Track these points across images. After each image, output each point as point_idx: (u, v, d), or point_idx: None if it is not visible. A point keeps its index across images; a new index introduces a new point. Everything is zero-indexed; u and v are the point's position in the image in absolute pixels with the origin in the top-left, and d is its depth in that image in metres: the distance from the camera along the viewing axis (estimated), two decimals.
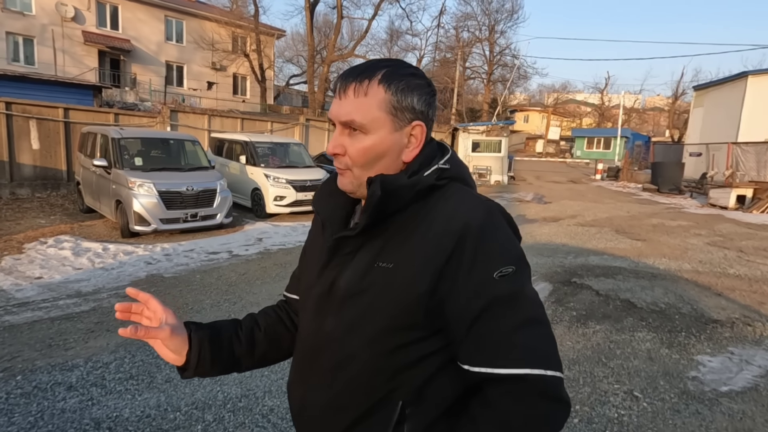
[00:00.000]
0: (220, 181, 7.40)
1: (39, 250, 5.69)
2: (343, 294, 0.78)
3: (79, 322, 3.77)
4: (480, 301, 0.70)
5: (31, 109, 9.07)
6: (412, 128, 0.79)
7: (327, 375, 0.80)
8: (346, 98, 0.77)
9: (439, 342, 0.75)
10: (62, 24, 19.70)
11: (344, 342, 0.78)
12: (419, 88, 0.79)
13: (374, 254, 0.76)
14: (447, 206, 0.75)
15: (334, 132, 0.82)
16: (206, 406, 2.68)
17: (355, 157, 0.78)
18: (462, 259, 0.71)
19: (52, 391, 2.75)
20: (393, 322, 0.74)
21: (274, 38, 26.86)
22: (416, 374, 0.75)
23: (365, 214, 0.75)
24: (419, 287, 0.72)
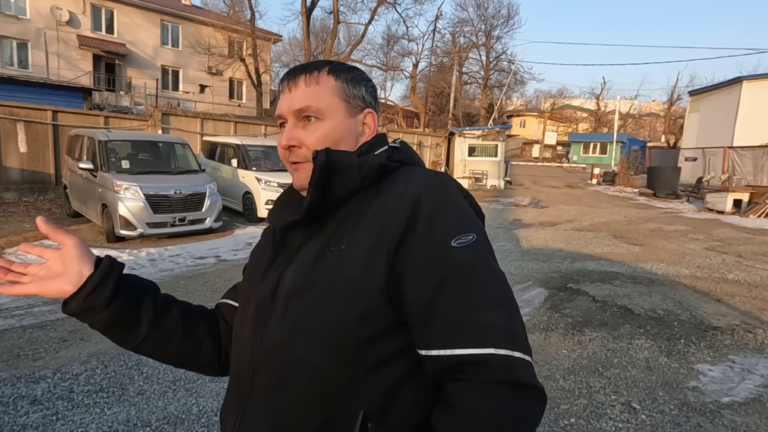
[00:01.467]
0: (210, 185, 7.25)
1: (20, 255, 5.52)
2: (288, 292, 0.69)
3: (53, 330, 3.60)
4: (438, 274, 0.63)
5: (18, 111, 8.92)
6: (364, 116, 0.79)
7: (269, 392, 0.68)
8: (297, 89, 0.75)
9: (404, 338, 0.65)
10: (57, 28, 19.61)
11: (288, 348, 0.67)
12: (364, 81, 0.80)
13: (324, 242, 0.70)
14: (398, 183, 0.71)
15: (283, 129, 0.77)
16: (179, 421, 2.52)
17: (313, 144, 0.74)
18: (416, 232, 0.65)
19: (14, 405, 2.58)
20: (344, 314, 0.64)
21: (270, 43, 26.84)
22: (379, 380, 0.64)
23: (310, 189, 0.69)
24: (375, 268, 0.64)
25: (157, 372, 3.02)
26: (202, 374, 0.85)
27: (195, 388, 2.86)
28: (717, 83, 21.31)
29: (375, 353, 0.64)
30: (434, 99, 32.47)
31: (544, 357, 3.42)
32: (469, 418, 0.58)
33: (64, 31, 19.78)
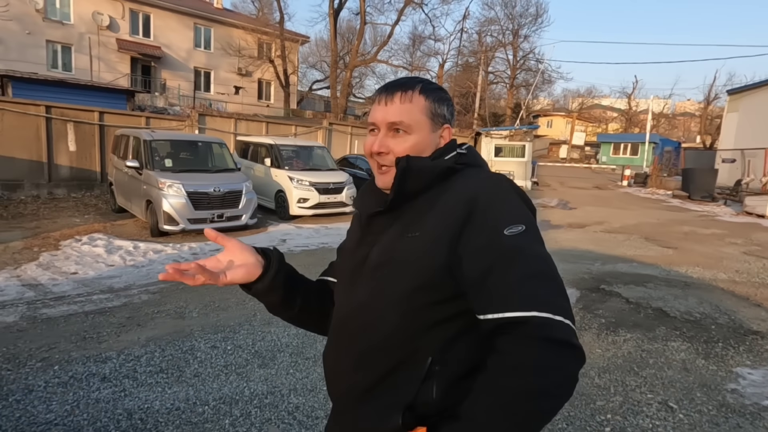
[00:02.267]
0: (246, 183, 7.53)
1: (74, 247, 5.91)
2: (374, 264, 0.88)
3: (111, 316, 3.88)
4: (491, 256, 0.77)
5: (68, 112, 9.47)
6: (443, 130, 0.95)
7: (355, 338, 0.89)
8: (393, 104, 0.91)
9: (460, 305, 0.81)
10: (98, 32, 20.54)
11: (372, 306, 0.87)
12: (446, 101, 0.96)
13: (403, 227, 0.87)
14: (460, 182, 0.88)
15: (373, 134, 0.94)
16: (233, 401, 2.72)
17: (400, 154, 0.90)
18: (473, 223, 0.80)
19: (87, 381, 2.84)
20: (418, 282, 0.81)
21: (298, 44, 27.31)
22: (440, 335, 0.82)
23: (393, 188, 0.88)
24: (440, 250, 0.81)
25: (209, 357, 3.24)
26: (322, 335, 1.08)
27: (245, 372, 3.06)
28: (758, 81, 20.41)
29: (437, 313, 0.82)
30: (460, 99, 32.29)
31: None
32: (511, 357, 0.71)
33: (104, 35, 20.70)
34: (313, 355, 3.36)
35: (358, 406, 0.88)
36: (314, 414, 2.64)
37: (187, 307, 4.19)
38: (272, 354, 3.34)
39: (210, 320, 3.90)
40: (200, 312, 4.08)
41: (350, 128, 14.52)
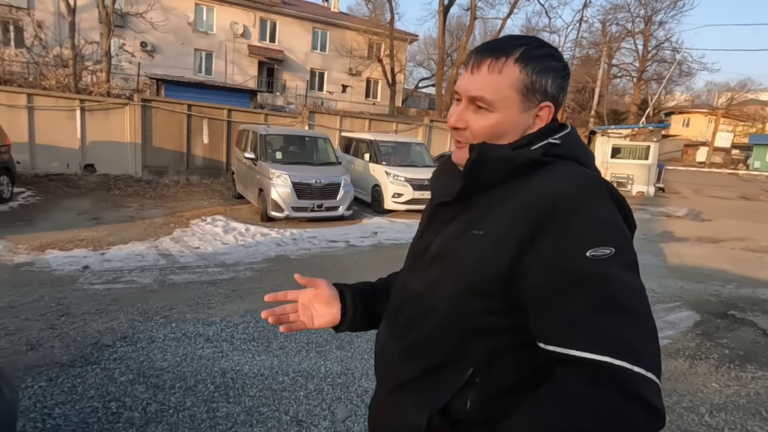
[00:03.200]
0: (345, 176, 7.94)
1: (200, 225, 6.85)
2: (432, 255, 0.82)
3: (220, 287, 4.43)
4: (563, 279, 0.65)
5: (204, 110, 10.97)
6: (539, 109, 0.78)
7: (404, 327, 0.85)
8: (479, 73, 0.77)
9: (516, 319, 0.72)
10: (233, 40, 23.34)
11: (423, 299, 0.82)
12: (555, 71, 0.77)
13: (468, 223, 0.78)
14: (543, 180, 0.72)
15: (456, 104, 0.82)
16: (310, 376, 2.91)
17: (477, 133, 0.78)
18: (548, 232, 0.67)
19: (195, 340, 3.29)
20: (471, 286, 0.73)
21: (406, 43, 27.78)
22: (488, 345, 0.74)
23: (462, 178, 0.77)
24: (502, 256, 0.70)
25: (294, 333, 3.51)
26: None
27: (324, 351, 3.26)
28: None
29: (487, 322, 0.73)
30: (575, 95, 29.77)
31: (686, 386, 3.00)
32: (567, 395, 0.62)
33: (238, 42, 23.44)
34: None
35: (392, 394, 0.87)
36: None
37: (282, 286, 4.58)
38: (350, 338, 3.50)
39: None
40: None
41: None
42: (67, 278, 4.36)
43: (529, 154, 0.75)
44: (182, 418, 2.40)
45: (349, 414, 2.55)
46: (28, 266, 4.62)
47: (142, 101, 10.30)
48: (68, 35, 11.38)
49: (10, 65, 12.68)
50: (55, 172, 9.65)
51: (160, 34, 20.34)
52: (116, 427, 2.30)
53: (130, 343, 3.16)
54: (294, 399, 2.66)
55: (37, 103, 9.40)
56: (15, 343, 3.06)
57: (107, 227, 6.43)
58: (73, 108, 9.69)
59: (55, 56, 12.55)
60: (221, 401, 2.57)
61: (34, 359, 2.88)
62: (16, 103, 9.21)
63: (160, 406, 2.48)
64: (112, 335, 3.26)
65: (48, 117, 9.50)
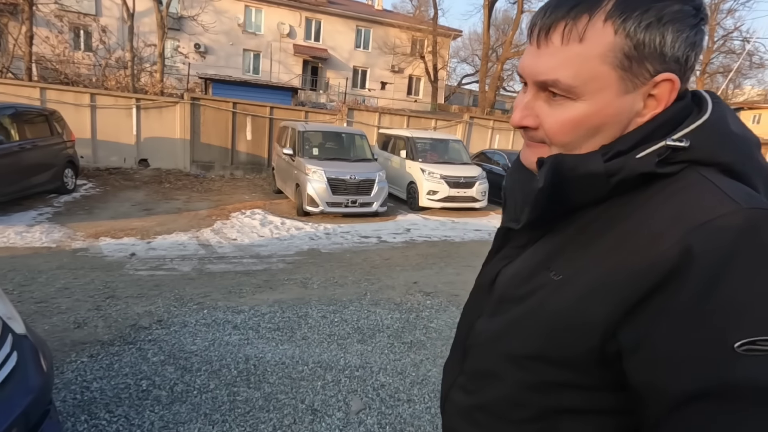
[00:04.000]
0: (379, 173, 7.98)
1: (239, 218, 7.14)
2: (500, 295, 0.63)
3: (253, 277, 4.59)
4: (692, 380, 0.42)
5: (248, 107, 11.40)
6: (654, 86, 0.51)
7: (470, 380, 0.68)
8: (548, 46, 0.52)
9: (613, 401, 0.52)
10: (280, 40, 24.05)
11: (489, 352, 0.63)
12: (679, 20, 0.48)
13: (547, 255, 0.58)
14: (666, 208, 0.48)
15: (522, 91, 0.58)
16: (329, 367, 2.96)
17: (555, 132, 0.54)
18: (676, 300, 0.43)
19: (224, 326, 3.44)
20: (543, 351, 0.54)
21: (450, 39, 27.44)
22: (572, 427, 0.55)
23: (528, 207, 0.58)
24: (591, 318, 0.49)
25: (318, 325, 3.58)
26: None
27: (345, 345, 3.30)
28: None
29: (569, 399, 0.54)
30: None
31: None
32: None
33: (284, 42, 24.12)
34: (410, 340, 3.42)
35: None
36: (397, 396, 2.71)
37: (312, 279, 4.69)
38: (372, 332, 3.52)
39: (327, 293, 4.29)
40: (320, 285, 4.52)
41: (492, 122, 14.02)
42: (115, 264, 4.69)
43: (633, 165, 0.50)
44: (205, 399, 2.52)
45: (363, 407, 2.57)
46: (84, 252, 5.02)
47: (192, 99, 10.86)
48: (128, 39, 12.21)
49: (79, 67, 13.78)
50: (114, 166, 10.39)
51: (212, 35, 21.35)
52: (144, 403, 2.45)
53: (165, 327, 3.35)
54: (311, 388, 2.71)
55: (98, 102, 10.16)
56: (65, 321, 3.34)
57: (156, 218, 6.84)
58: (130, 106, 10.39)
59: (117, 59, 13.49)
60: (242, 386, 2.67)
61: (80, 336, 3.12)
62: (81, 102, 10.00)
63: (186, 387, 2.61)
64: (150, 318, 3.48)
65: (108, 115, 10.25)
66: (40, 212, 6.58)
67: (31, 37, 11.03)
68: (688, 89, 0.55)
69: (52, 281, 4.06)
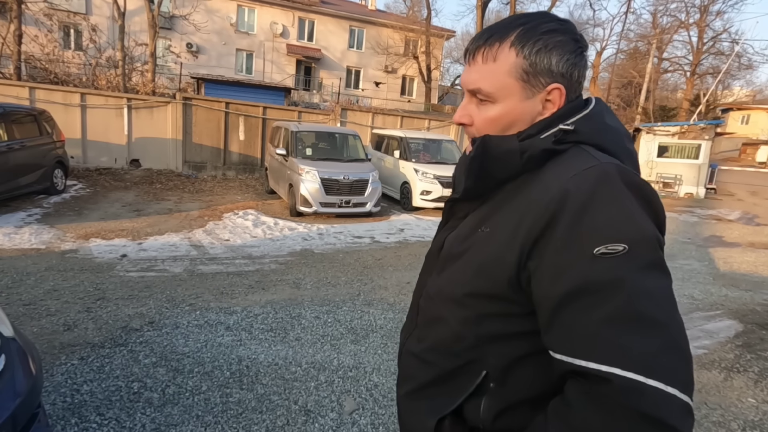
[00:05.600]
0: (373, 173, 7.97)
1: (231, 219, 7.10)
2: (445, 255, 0.80)
3: (245, 278, 4.57)
4: (571, 281, 0.58)
5: (241, 107, 11.34)
6: (547, 93, 0.71)
7: (420, 329, 0.84)
8: (474, 64, 0.73)
9: (533, 324, 0.66)
10: (273, 39, 23.94)
11: (435, 302, 0.80)
12: (561, 47, 0.69)
13: (479, 219, 0.75)
14: (555, 169, 0.66)
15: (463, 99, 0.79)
16: (322, 368, 2.96)
17: (482, 127, 0.74)
18: (554, 232, 0.61)
19: (216, 327, 3.41)
20: (477, 289, 0.70)
21: (443, 39, 27.49)
22: (503, 351, 0.70)
23: (466, 175, 0.75)
24: (506, 257, 0.66)
25: (311, 325, 3.57)
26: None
27: (338, 345, 3.29)
28: None
29: (500, 326, 0.69)
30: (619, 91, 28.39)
31: (719, 400, 2.80)
32: (575, 416, 0.57)
33: (277, 42, 24.02)
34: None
35: (408, 398, 0.85)
36: (390, 395, 2.71)
37: (304, 279, 4.67)
38: (366, 333, 3.52)
39: (320, 293, 4.28)
40: (313, 285, 4.51)
41: None
42: (106, 265, 4.64)
43: (537, 143, 0.68)
44: (197, 401, 2.50)
45: (356, 407, 2.57)
46: (73, 253, 4.96)
47: (183, 99, 10.77)
48: (119, 38, 12.08)
49: (69, 67, 13.61)
50: (104, 167, 10.28)
51: (204, 35, 21.19)
52: (136, 406, 2.43)
53: (156, 328, 3.33)
54: (304, 389, 2.71)
55: (89, 101, 10.04)
56: (54, 323, 3.30)
57: (147, 219, 6.78)
58: (121, 106, 10.29)
59: (107, 58, 13.35)
60: (235, 387, 2.66)
61: (70, 339, 3.09)
62: (70, 102, 9.88)
63: (178, 389, 2.59)
64: (141, 320, 3.44)
65: (99, 115, 10.14)
66: (29, 213, 6.49)
67: (19, 36, 10.88)
68: (581, 95, 0.75)
69: (40, 283, 4.01)
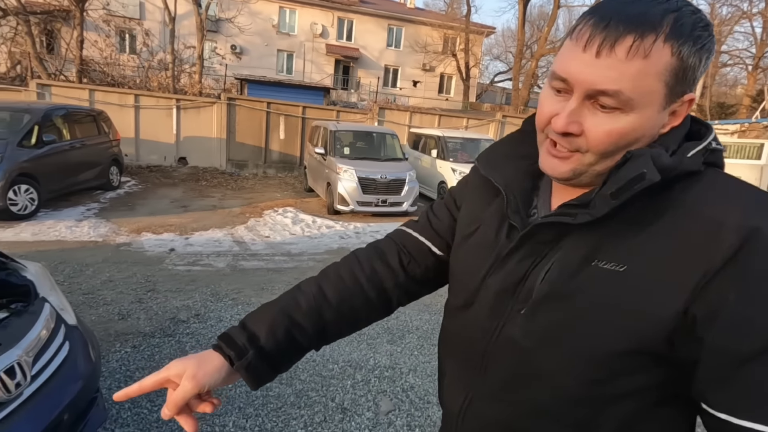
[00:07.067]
0: (410, 172, 7.96)
1: (271, 216, 7.30)
2: (540, 295, 0.61)
3: (284, 275, 4.69)
4: (756, 337, 0.49)
5: (281, 107, 11.63)
6: (681, 104, 0.57)
7: (504, 389, 0.66)
8: (611, 58, 0.53)
9: (665, 372, 0.56)
10: (313, 40, 24.38)
11: (534, 356, 0.62)
12: (710, 49, 0.55)
13: (589, 249, 0.58)
14: (710, 197, 0.54)
15: (558, 97, 0.59)
16: (358, 367, 2.99)
17: (598, 142, 0.56)
18: (742, 275, 0.49)
19: None
20: (613, 345, 0.55)
21: (483, 36, 27.02)
22: (625, 410, 0.58)
23: (613, 198, 0.55)
24: (664, 304, 0.52)
25: None
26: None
27: (374, 344, 3.31)
28: None
29: (629, 384, 0.57)
30: None
31: None
32: None
33: (316, 42, 24.44)
34: None
35: None
36: (426, 398, 2.70)
37: None
38: (401, 333, 3.52)
39: None
40: None
41: None
42: (155, 258, 4.89)
43: (687, 164, 0.56)
44: (239, 393, 2.59)
45: (392, 408, 2.58)
46: (126, 246, 5.27)
47: (228, 100, 11.18)
48: (169, 41, 12.70)
49: (124, 69, 14.46)
50: (155, 164, 10.85)
51: (247, 37, 21.89)
52: None
53: (202, 321, 3.47)
54: (341, 387, 2.74)
55: (142, 102, 10.62)
56: (110, 312, 3.52)
57: (193, 214, 7.09)
58: (171, 107, 10.81)
59: (158, 60, 14.07)
60: (274, 381, 2.73)
61: (123, 327, 3.28)
62: (125, 103, 10.49)
63: None
64: (188, 312, 3.61)
65: (150, 115, 10.70)
66: (88, 208, 6.95)
67: (81, 42, 11.66)
68: (689, 117, 0.63)
69: (98, 274, 4.28)
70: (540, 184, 0.72)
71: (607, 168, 0.59)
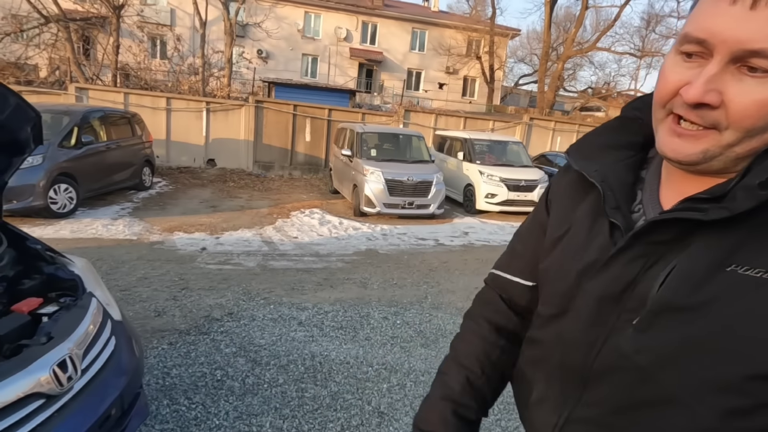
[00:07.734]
0: (437, 175, 7.87)
1: (298, 217, 7.33)
2: (657, 305, 0.53)
3: (314, 275, 4.67)
4: None
5: (308, 110, 11.72)
6: None
7: (615, 413, 0.57)
8: (762, 7, 0.45)
9: None
10: (337, 43, 24.58)
11: (654, 376, 0.53)
12: None
13: (724, 252, 0.50)
14: None
15: (689, 62, 0.51)
16: (393, 370, 2.93)
17: (744, 115, 0.47)
18: None
19: (289, 322, 3.51)
20: (758, 368, 0.47)
21: (507, 38, 26.69)
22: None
23: (763, 190, 0.47)
24: None
25: (380, 326, 3.56)
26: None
27: (409, 348, 3.25)
28: None
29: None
30: None
31: None
32: None
33: (341, 46, 24.63)
34: None
35: None
36: None
37: (371, 279, 4.69)
38: (435, 337, 3.45)
39: (387, 294, 4.27)
40: (380, 285, 4.51)
41: (553, 123, 13.44)
42: (188, 257, 4.96)
43: None
44: (275, 393, 2.57)
45: None
46: (160, 245, 5.36)
47: (256, 102, 11.34)
48: (199, 46, 13.00)
49: (155, 73, 14.88)
50: (185, 165, 11.08)
51: (273, 41, 22.24)
52: (219, 393, 2.54)
53: (235, 319, 3.48)
54: (377, 390, 2.69)
55: (173, 105, 10.88)
56: (146, 309, 3.57)
57: (222, 214, 7.19)
58: (200, 109, 11.04)
59: (189, 65, 14.42)
60: (309, 383, 2.70)
61: (159, 324, 3.32)
62: (157, 106, 10.77)
63: (257, 380, 2.68)
64: (221, 310, 3.63)
65: (181, 117, 10.95)
66: (122, 207, 7.13)
67: (117, 47, 12.06)
68: None
69: (133, 271, 4.36)
70: (645, 176, 0.64)
71: (751, 150, 0.50)
